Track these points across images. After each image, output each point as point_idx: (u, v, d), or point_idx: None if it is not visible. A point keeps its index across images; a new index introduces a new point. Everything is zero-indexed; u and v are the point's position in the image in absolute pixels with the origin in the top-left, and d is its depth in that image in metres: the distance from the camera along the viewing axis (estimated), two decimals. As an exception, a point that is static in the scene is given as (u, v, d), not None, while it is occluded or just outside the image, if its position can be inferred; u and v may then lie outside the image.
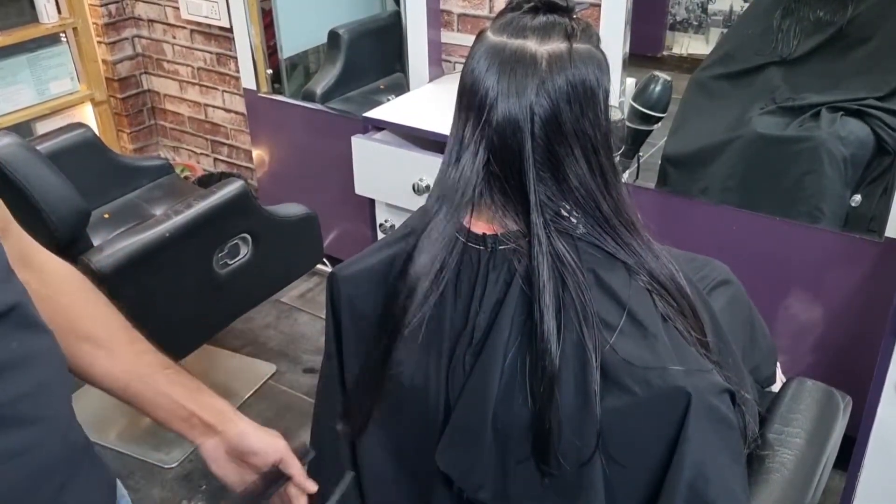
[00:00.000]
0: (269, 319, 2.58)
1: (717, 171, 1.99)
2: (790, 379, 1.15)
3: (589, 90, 0.82)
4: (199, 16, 2.73)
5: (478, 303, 0.88)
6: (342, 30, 2.60)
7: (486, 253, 0.88)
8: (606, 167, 0.85)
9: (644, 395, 0.80)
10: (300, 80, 2.79)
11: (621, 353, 0.80)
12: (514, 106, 0.82)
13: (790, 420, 1.05)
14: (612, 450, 0.81)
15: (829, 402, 1.09)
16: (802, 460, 0.99)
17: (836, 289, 1.70)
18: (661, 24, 2.69)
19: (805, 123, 1.91)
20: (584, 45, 0.83)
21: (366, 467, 1.02)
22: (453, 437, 0.89)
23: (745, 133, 1.95)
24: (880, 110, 1.87)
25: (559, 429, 0.83)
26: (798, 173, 1.86)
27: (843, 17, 1.91)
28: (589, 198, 0.85)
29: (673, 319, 0.85)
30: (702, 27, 2.72)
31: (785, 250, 1.75)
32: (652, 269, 0.87)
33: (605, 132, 0.85)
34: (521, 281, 0.86)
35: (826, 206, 1.83)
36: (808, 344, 1.79)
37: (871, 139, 1.86)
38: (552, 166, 0.84)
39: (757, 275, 1.73)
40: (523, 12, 0.84)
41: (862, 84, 1.90)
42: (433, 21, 2.16)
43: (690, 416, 0.79)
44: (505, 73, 0.81)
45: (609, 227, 0.86)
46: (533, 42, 0.82)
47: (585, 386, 0.81)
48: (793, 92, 1.97)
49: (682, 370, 0.79)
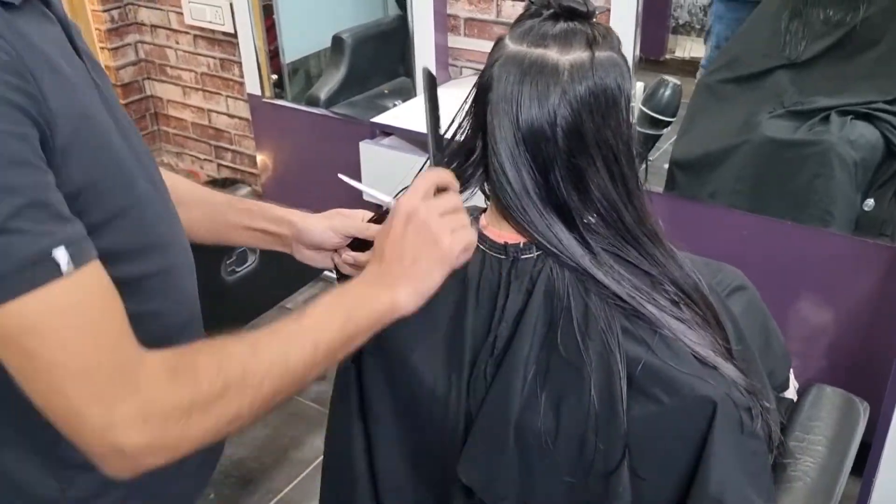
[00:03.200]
0: (275, 326, 2.57)
1: (725, 175, 1.99)
2: (809, 386, 1.14)
3: (611, 98, 0.82)
4: (203, 21, 2.72)
5: (500, 312, 0.87)
6: (346, 34, 2.59)
7: (507, 262, 0.87)
8: (629, 176, 0.84)
9: (671, 403, 0.79)
10: (300, 84, 2.78)
11: (648, 363, 0.79)
12: (536, 116, 0.81)
13: (811, 428, 1.04)
14: (638, 459, 0.81)
15: (850, 409, 1.08)
16: (825, 468, 0.98)
17: (848, 293, 1.70)
18: (664, 27, 2.69)
19: (814, 127, 1.91)
20: (606, 53, 0.82)
21: (382, 476, 1.01)
22: (475, 447, 0.88)
23: (755, 137, 1.94)
24: (890, 114, 1.87)
25: (584, 438, 0.82)
26: (808, 177, 1.85)
27: (855, 19, 1.90)
28: (611, 208, 0.84)
29: (698, 328, 0.84)
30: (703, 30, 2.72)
31: (796, 254, 1.74)
32: (676, 278, 0.86)
33: (627, 140, 0.84)
34: (544, 290, 0.85)
35: (836, 210, 1.82)
36: (820, 349, 1.78)
37: (881, 143, 1.86)
38: (574, 177, 0.83)
39: (768, 279, 1.71)
40: (543, 19, 0.83)
41: (871, 87, 1.89)
42: (440, 25, 2.15)
43: (716, 426, 0.78)
44: (526, 83, 0.81)
45: (632, 238, 0.86)
46: (554, 51, 0.81)
47: (611, 395, 0.80)
48: (801, 95, 1.96)
49: (709, 380, 0.79)
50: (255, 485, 1.98)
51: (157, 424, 0.66)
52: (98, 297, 0.66)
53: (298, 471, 2.02)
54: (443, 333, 0.91)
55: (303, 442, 2.11)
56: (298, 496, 1.96)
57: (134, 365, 0.67)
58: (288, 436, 2.13)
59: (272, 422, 2.17)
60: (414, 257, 0.79)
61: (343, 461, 1.05)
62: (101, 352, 0.65)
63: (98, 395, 0.64)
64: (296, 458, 2.06)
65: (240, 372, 0.71)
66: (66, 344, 0.63)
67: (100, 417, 0.64)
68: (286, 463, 2.04)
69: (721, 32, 2.30)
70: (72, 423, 0.65)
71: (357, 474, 1.02)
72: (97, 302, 0.66)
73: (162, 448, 0.67)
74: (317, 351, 0.75)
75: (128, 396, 0.66)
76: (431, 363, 0.91)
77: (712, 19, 2.39)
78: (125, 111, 0.87)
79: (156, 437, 0.66)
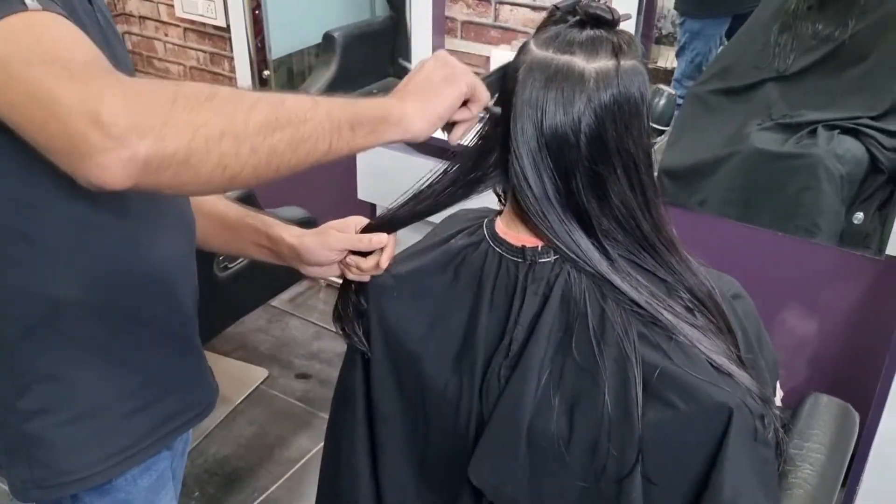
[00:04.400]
0: (261, 323, 2.55)
1: (715, 185, 2.02)
2: (806, 394, 1.16)
3: (634, 107, 0.83)
4: (195, 14, 2.69)
5: (515, 315, 0.87)
6: (336, 32, 2.58)
7: (524, 265, 0.88)
8: (647, 185, 0.86)
9: (687, 409, 0.80)
10: (282, 81, 2.76)
11: (665, 368, 0.80)
12: (561, 122, 0.81)
13: (809, 436, 1.06)
14: (652, 464, 0.82)
15: (846, 417, 1.11)
16: (824, 476, 1.00)
17: (836, 305, 1.73)
18: (648, 37, 2.72)
19: (802, 140, 1.94)
20: (630, 61, 0.83)
21: (388, 478, 1.01)
22: (487, 450, 0.89)
23: (744, 148, 1.97)
24: (875, 129, 1.91)
25: (597, 443, 0.83)
26: (796, 189, 1.89)
27: (843, 34, 1.94)
28: (629, 216, 0.85)
29: (712, 335, 0.85)
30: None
31: (785, 265, 1.77)
32: (691, 286, 0.87)
33: (647, 149, 0.86)
34: (560, 295, 0.86)
35: (823, 222, 1.86)
36: (805, 358, 1.81)
37: (866, 158, 1.90)
38: (595, 184, 0.84)
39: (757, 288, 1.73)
40: (569, 26, 0.84)
41: (857, 103, 1.93)
42: (438, 28, 2.15)
43: (731, 433, 0.79)
44: (552, 88, 0.81)
45: (648, 245, 0.87)
46: (580, 58, 0.81)
47: (626, 401, 0.81)
48: (789, 108, 2.00)
49: (725, 387, 0.80)
50: (241, 483, 1.96)
51: (138, 99, 0.63)
52: (67, 25, 0.67)
53: (284, 470, 2.01)
54: (456, 335, 0.91)
55: (288, 441, 2.10)
56: (284, 495, 1.95)
57: (109, 66, 0.66)
58: (273, 434, 2.12)
59: (258, 419, 2.16)
60: (427, 75, 0.81)
61: (344, 462, 1.04)
62: (76, 50, 0.65)
63: (75, 77, 0.62)
64: (281, 457, 2.04)
65: (231, 91, 0.69)
66: (40, 41, 0.64)
67: (77, 92, 0.61)
68: (272, 462, 2.03)
69: (698, 48, 2.33)
70: (53, 115, 0.62)
71: (359, 474, 1.02)
72: (67, 26, 0.67)
73: (147, 128, 0.62)
74: (316, 106, 0.72)
75: (106, 77, 0.64)
76: (443, 364, 0.92)
77: (686, 36, 2.41)
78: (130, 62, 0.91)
79: (137, 111, 0.62)
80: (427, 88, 0.80)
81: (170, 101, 0.64)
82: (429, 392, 0.93)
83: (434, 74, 0.81)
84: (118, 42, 0.88)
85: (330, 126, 0.72)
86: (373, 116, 0.76)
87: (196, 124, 0.64)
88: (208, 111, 0.65)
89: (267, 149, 0.68)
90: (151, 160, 0.62)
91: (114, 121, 0.61)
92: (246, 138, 0.67)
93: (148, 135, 0.62)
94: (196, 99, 0.65)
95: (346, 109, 0.74)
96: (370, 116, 0.76)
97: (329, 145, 0.73)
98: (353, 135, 0.74)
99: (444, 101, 0.80)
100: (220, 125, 0.65)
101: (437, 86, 0.80)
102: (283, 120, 0.69)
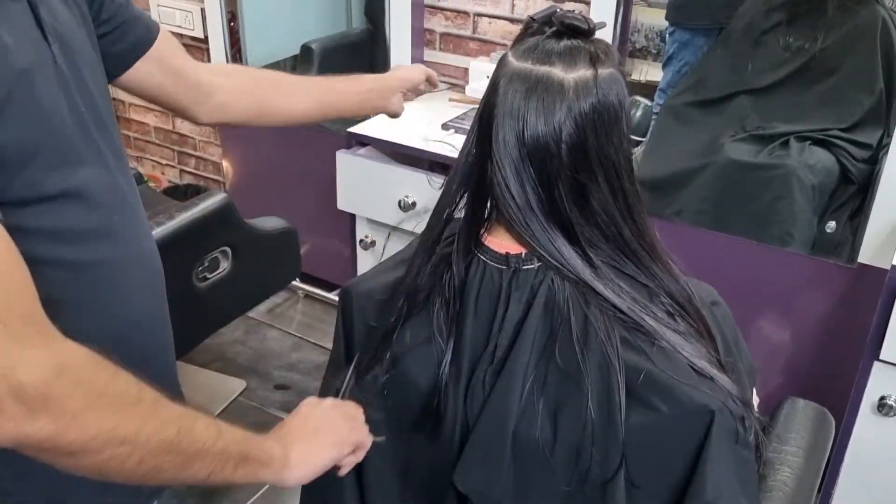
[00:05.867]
0: (238, 335, 2.54)
1: (691, 195, 2.05)
2: (783, 398, 1.18)
3: (613, 114, 0.84)
4: (173, 25, 2.68)
5: (500, 322, 0.88)
6: (314, 44, 2.59)
7: (507, 272, 0.89)
8: (629, 191, 0.87)
9: (670, 412, 0.81)
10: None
11: (648, 372, 0.82)
12: (542, 132, 0.83)
13: (787, 439, 1.08)
14: (635, 467, 0.83)
15: (823, 421, 1.13)
16: (801, 478, 1.02)
17: (809, 312, 1.76)
18: (622, 50, 2.76)
19: (775, 151, 1.98)
20: (607, 70, 0.84)
21: (372, 485, 1.01)
22: (472, 456, 0.89)
23: (719, 159, 2.01)
24: (845, 141, 1.96)
25: (581, 447, 0.84)
26: (769, 199, 1.92)
27: (813, 48, 1.99)
28: (611, 223, 0.86)
29: (693, 340, 0.87)
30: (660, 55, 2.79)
31: (760, 273, 1.80)
32: (672, 291, 0.89)
33: (627, 156, 0.87)
34: (544, 302, 0.87)
35: (796, 231, 1.89)
36: (780, 364, 1.84)
37: (837, 168, 1.94)
38: (576, 192, 0.85)
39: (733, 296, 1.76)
40: (546, 37, 0.85)
41: (827, 115, 1.98)
42: (417, 40, 2.17)
43: (713, 435, 0.81)
44: (532, 99, 0.82)
45: (630, 251, 0.88)
46: (559, 68, 0.83)
47: (610, 405, 0.82)
48: (762, 120, 2.04)
49: (706, 390, 0.81)
50: (220, 495, 1.95)
51: (66, 380, 0.62)
52: (4, 254, 0.64)
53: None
54: (439, 342, 0.92)
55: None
56: (264, 507, 1.93)
57: (49, 326, 0.64)
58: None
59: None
60: (316, 428, 0.88)
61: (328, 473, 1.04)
62: (12, 296, 0.62)
63: (12, 337, 0.61)
64: (261, 469, 2.03)
65: (155, 399, 0.70)
66: None
67: (8, 357, 0.60)
68: (251, 474, 2.01)
69: (686, 58, 2.37)
70: None
71: (343, 483, 1.02)
72: (3, 256, 0.63)
73: (59, 414, 0.62)
74: (219, 439, 0.75)
75: (44, 345, 0.63)
76: (427, 371, 0.92)
77: (675, 46, 2.45)
78: (107, 105, 0.88)
79: (61, 394, 0.62)
80: (315, 442, 0.87)
81: (96, 394, 0.65)
82: (414, 399, 0.94)
83: (323, 427, 0.88)
84: (90, 89, 0.84)
85: (219, 460, 0.75)
86: (258, 460, 0.80)
87: (106, 427, 0.65)
88: (124, 416, 0.67)
89: (152, 465, 0.70)
90: (44, 443, 0.63)
91: (34, 394, 0.61)
92: (140, 451, 0.68)
93: (58, 421, 0.62)
94: (121, 399, 0.67)
95: (241, 446, 0.78)
96: (256, 459, 0.80)
97: (208, 476, 0.75)
98: (234, 471, 0.77)
99: (324, 459, 0.88)
100: (125, 433, 0.67)
101: (324, 445, 0.87)
102: (182, 446, 0.71)
